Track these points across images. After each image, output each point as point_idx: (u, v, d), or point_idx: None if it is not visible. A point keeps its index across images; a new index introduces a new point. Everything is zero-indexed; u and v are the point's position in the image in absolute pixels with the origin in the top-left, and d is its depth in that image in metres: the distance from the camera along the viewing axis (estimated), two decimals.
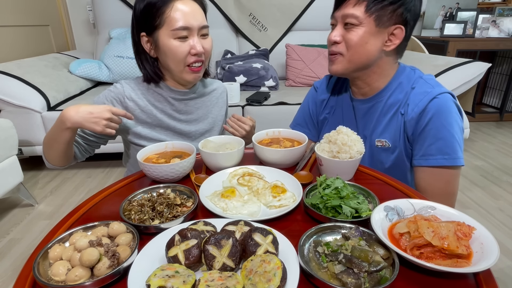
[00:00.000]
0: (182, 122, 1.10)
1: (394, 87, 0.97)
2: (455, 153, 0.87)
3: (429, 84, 0.93)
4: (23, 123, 2.23)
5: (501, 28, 3.19)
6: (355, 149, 0.81)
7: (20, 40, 2.77)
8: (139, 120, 1.05)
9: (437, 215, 0.63)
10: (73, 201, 2.15)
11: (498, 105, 3.58)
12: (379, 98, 0.98)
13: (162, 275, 0.48)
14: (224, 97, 1.24)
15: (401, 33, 0.89)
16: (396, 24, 0.87)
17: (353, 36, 0.88)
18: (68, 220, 0.70)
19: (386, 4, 0.85)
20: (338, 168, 0.82)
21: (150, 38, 0.97)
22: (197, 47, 0.94)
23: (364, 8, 0.85)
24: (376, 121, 0.99)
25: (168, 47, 0.94)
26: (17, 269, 1.57)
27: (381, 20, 0.86)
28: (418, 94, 0.92)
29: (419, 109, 0.90)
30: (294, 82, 2.93)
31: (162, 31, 0.93)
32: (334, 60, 0.94)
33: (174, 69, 0.99)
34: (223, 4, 3.13)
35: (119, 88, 1.04)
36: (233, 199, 0.74)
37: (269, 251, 0.54)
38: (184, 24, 0.92)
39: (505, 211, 1.95)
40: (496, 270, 1.50)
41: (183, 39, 0.94)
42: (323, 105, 1.15)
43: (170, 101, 1.07)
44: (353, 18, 0.86)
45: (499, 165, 2.55)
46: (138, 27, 0.98)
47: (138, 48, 1.02)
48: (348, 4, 0.88)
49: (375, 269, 0.51)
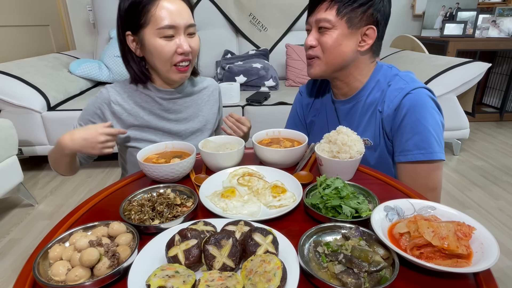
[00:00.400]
0: (171, 121, 1.09)
1: (372, 85, 0.99)
2: (431, 148, 0.88)
3: (404, 81, 0.95)
4: (23, 123, 2.23)
5: (501, 28, 3.19)
6: (355, 149, 0.81)
7: (20, 40, 2.77)
8: (127, 123, 1.04)
9: (437, 215, 0.63)
10: (73, 201, 2.15)
11: (498, 105, 3.57)
12: (358, 98, 1.01)
13: (162, 275, 0.48)
14: (216, 95, 1.22)
15: (373, 33, 0.92)
16: (368, 24, 0.90)
17: (327, 39, 0.91)
18: (68, 220, 0.70)
19: (355, 7, 0.88)
20: (338, 168, 0.82)
21: (135, 37, 0.95)
22: (184, 46, 0.93)
23: (335, 11, 0.88)
24: (357, 121, 1.02)
25: (154, 46, 0.92)
26: (17, 269, 1.57)
27: (352, 22, 0.89)
28: (393, 91, 0.94)
29: (394, 105, 0.92)
30: (294, 82, 2.93)
31: (148, 30, 0.92)
32: (312, 64, 0.97)
33: (160, 69, 0.97)
34: (223, 4, 3.14)
35: (105, 93, 1.04)
36: (233, 199, 0.74)
37: (269, 251, 0.54)
38: (170, 23, 0.90)
39: (505, 211, 1.95)
40: (496, 270, 1.50)
41: (170, 38, 0.92)
42: (309, 108, 1.18)
43: (158, 101, 1.06)
44: (326, 22, 0.90)
45: (499, 165, 2.55)
46: (123, 26, 0.96)
47: (124, 48, 1.00)
48: (320, 9, 0.90)
49: (375, 269, 0.51)
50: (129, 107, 1.04)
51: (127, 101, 1.04)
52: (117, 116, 1.03)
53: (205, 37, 3.16)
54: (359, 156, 0.82)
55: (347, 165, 0.82)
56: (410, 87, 0.91)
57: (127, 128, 1.05)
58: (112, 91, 1.04)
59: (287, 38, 3.20)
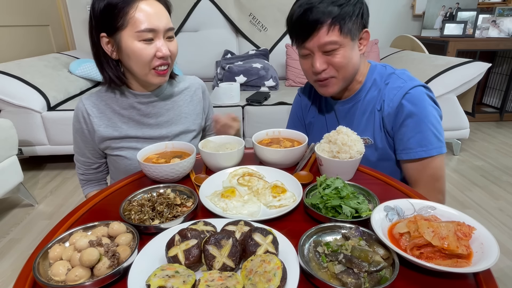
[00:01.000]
0: (152, 126, 1.06)
1: (369, 85, 1.01)
2: (431, 144, 0.92)
3: (401, 79, 0.97)
4: (23, 123, 2.23)
5: (501, 28, 3.19)
6: (355, 149, 0.82)
7: (20, 40, 2.77)
8: (106, 135, 1.02)
9: (437, 215, 0.63)
10: (73, 201, 2.15)
11: (498, 105, 3.57)
12: (357, 98, 1.02)
13: (162, 275, 0.48)
14: (199, 93, 1.17)
15: (368, 35, 0.95)
16: (363, 29, 0.93)
17: (339, 59, 0.91)
18: (68, 220, 0.70)
19: (354, 19, 0.89)
20: (338, 168, 0.82)
21: (111, 39, 0.92)
22: (163, 50, 0.91)
23: (338, 31, 0.87)
24: (357, 121, 1.03)
25: (132, 50, 0.89)
26: (17, 269, 1.57)
27: (353, 34, 0.90)
28: (392, 89, 0.96)
29: (394, 103, 0.94)
30: (294, 82, 2.93)
31: (125, 33, 0.88)
32: (328, 84, 0.97)
33: (138, 72, 0.94)
34: (223, 4, 3.14)
35: (80, 107, 1.01)
36: (233, 199, 0.74)
37: (269, 251, 0.54)
38: (150, 26, 0.88)
39: (505, 211, 1.95)
40: (496, 270, 1.50)
41: (149, 42, 0.90)
42: (308, 110, 1.19)
43: (136, 106, 1.02)
44: (332, 44, 0.88)
45: (499, 165, 2.55)
46: (97, 27, 0.91)
47: (97, 50, 0.95)
48: (320, 33, 0.88)
49: (375, 269, 0.51)
50: (106, 118, 1.01)
51: (104, 112, 1.02)
52: (95, 129, 1.01)
53: (205, 37, 3.16)
54: (359, 156, 0.82)
55: (347, 165, 0.82)
56: (408, 86, 0.93)
57: (106, 140, 1.03)
58: (88, 103, 1.01)
59: (287, 38, 3.20)
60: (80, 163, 1.12)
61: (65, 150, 2.39)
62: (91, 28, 0.93)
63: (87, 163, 1.11)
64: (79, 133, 1.05)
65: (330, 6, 0.86)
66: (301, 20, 0.89)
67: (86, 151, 1.08)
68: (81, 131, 1.04)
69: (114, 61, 0.96)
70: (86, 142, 1.06)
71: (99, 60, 0.97)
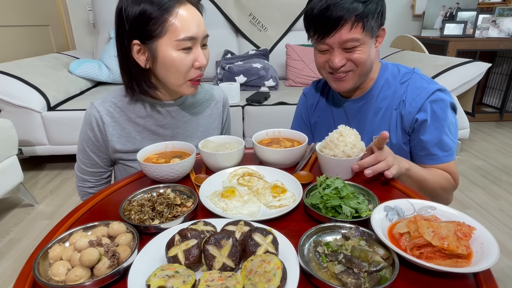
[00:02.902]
0: (167, 138, 1.01)
1: (381, 83, 1.02)
2: (451, 150, 0.97)
3: (424, 80, 0.98)
4: (23, 123, 2.23)
5: (501, 28, 3.19)
6: (355, 149, 0.81)
7: (20, 40, 2.77)
8: (118, 148, 0.97)
9: (437, 215, 0.63)
10: (73, 201, 2.15)
11: (498, 105, 3.57)
12: (369, 96, 1.02)
13: (162, 275, 0.48)
14: (220, 107, 1.11)
15: (384, 32, 0.95)
16: (381, 26, 0.93)
17: (359, 55, 0.90)
18: (68, 220, 0.70)
19: (376, 17, 0.88)
20: (338, 167, 0.82)
21: (144, 47, 0.85)
22: (201, 60, 0.87)
23: (360, 29, 0.86)
24: (369, 119, 1.03)
25: (170, 60, 0.84)
26: (17, 269, 1.57)
27: (374, 31, 0.91)
28: (414, 89, 0.96)
29: (417, 103, 0.95)
30: (294, 82, 2.93)
31: (163, 41, 0.82)
32: (345, 78, 0.95)
33: (172, 83, 0.89)
34: (223, 4, 3.14)
35: (95, 114, 0.94)
36: (233, 199, 0.74)
37: (269, 251, 0.54)
38: (190, 34, 0.83)
39: (505, 211, 1.95)
40: (496, 270, 1.50)
41: (188, 50, 0.85)
42: (313, 109, 1.18)
43: (154, 116, 0.98)
44: (354, 41, 0.87)
45: (499, 165, 2.55)
46: (129, 34, 0.84)
47: (125, 58, 0.88)
48: (342, 29, 0.86)
49: (375, 269, 0.51)
50: (120, 128, 0.96)
51: (118, 120, 0.96)
52: (109, 139, 0.96)
53: None
54: (360, 154, 0.82)
55: (346, 164, 0.82)
56: (432, 89, 0.94)
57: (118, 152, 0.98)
58: (102, 110, 0.94)
59: (287, 38, 3.20)
60: (89, 175, 1.04)
61: (65, 150, 2.39)
62: (120, 35, 0.86)
63: (98, 174, 1.04)
64: (90, 142, 0.98)
65: (355, 3, 0.84)
66: (323, 15, 0.86)
67: (98, 160, 1.01)
68: (95, 139, 0.97)
69: (144, 70, 0.89)
70: (100, 151, 1.00)
71: (128, 70, 0.90)
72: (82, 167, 1.03)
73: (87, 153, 1.00)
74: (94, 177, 1.05)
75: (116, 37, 0.88)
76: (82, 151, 1.01)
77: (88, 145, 0.99)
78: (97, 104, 0.96)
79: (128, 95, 0.96)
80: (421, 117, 0.94)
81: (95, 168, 1.03)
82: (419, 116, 0.94)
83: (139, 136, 0.99)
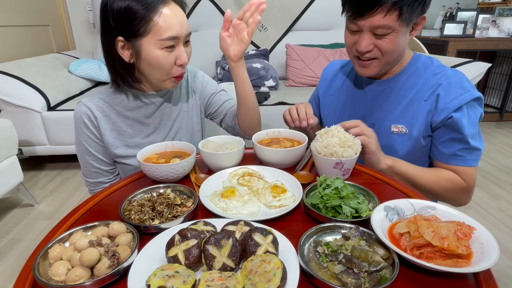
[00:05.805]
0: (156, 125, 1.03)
1: (410, 72, 0.97)
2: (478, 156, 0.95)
3: (470, 84, 0.93)
4: (23, 123, 2.23)
5: (501, 28, 3.19)
6: (350, 149, 0.81)
7: (20, 40, 2.77)
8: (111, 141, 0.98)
9: (437, 215, 0.63)
10: (73, 201, 2.16)
11: (498, 105, 3.58)
12: (394, 82, 0.99)
13: (162, 275, 0.48)
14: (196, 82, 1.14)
15: (424, 20, 0.90)
16: (421, 14, 0.88)
17: (387, 43, 0.86)
18: (68, 220, 0.70)
19: (415, 6, 0.83)
20: (324, 167, 0.82)
21: (128, 44, 0.86)
22: (183, 58, 0.89)
23: (396, 16, 0.82)
24: (390, 106, 0.99)
25: (154, 58, 0.86)
26: (17, 269, 1.57)
27: (411, 20, 0.86)
28: (457, 88, 0.91)
29: (459, 102, 0.90)
30: (294, 82, 2.93)
31: (147, 40, 0.84)
32: (369, 65, 0.93)
33: (156, 78, 0.92)
34: (223, 4, 3.13)
35: (85, 110, 0.95)
36: (233, 199, 0.74)
37: (269, 251, 0.54)
38: (173, 34, 0.84)
39: (505, 211, 1.95)
40: (496, 270, 1.50)
41: (170, 49, 0.87)
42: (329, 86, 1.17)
43: (142, 107, 0.99)
44: (385, 28, 0.84)
45: (499, 165, 2.55)
46: (114, 31, 0.85)
47: (110, 53, 0.89)
48: (376, 13, 0.82)
49: (375, 269, 0.51)
50: (110, 122, 0.98)
51: (108, 115, 0.97)
52: (102, 132, 0.97)
53: (205, 37, 3.16)
54: (354, 155, 0.82)
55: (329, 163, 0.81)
56: (476, 95, 0.90)
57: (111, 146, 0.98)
58: (91, 105, 0.96)
59: (287, 38, 3.20)
60: (103, 174, 1.02)
61: (65, 150, 2.39)
62: (105, 30, 0.87)
63: (110, 171, 1.04)
64: (90, 140, 0.98)
65: None
66: None
67: (104, 158, 1.01)
68: (93, 136, 0.97)
69: (128, 65, 0.91)
70: (102, 146, 0.99)
71: (113, 65, 0.92)
72: (91, 170, 1.01)
73: (91, 153, 0.99)
74: (108, 174, 1.03)
75: (101, 32, 0.89)
76: (86, 154, 0.99)
77: (89, 144, 0.98)
78: (85, 101, 0.97)
79: (113, 88, 0.98)
80: (457, 116, 0.90)
81: (105, 166, 1.02)
82: (455, 114, 0.90)
83: (130, 129, 1.00)
